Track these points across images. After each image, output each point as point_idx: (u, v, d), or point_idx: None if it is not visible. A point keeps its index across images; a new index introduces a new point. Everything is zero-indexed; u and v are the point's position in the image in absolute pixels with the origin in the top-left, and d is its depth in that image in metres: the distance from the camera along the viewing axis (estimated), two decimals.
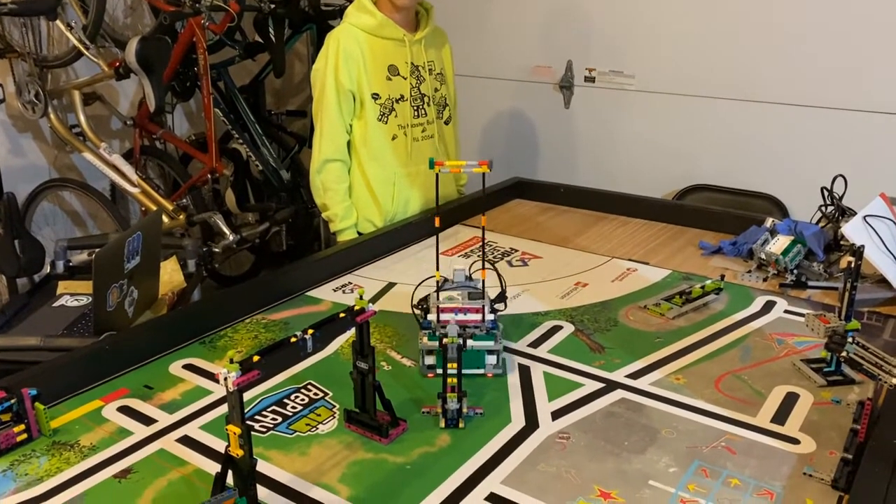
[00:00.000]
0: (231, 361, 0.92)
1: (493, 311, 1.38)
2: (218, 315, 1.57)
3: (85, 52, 2.69)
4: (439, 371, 1.29)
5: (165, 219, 2.80)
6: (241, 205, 3.28)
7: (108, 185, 3.21)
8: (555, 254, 1.97)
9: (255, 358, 0.95)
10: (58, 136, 2.95)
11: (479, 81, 3.27)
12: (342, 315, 1.10)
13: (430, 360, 1.36)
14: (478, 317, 1.33)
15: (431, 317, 1.35)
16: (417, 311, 1.41)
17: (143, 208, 2.94)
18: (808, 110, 2.61)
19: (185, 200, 3.11)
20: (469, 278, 1.41)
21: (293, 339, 1.01)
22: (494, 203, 2.36)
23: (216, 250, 2.68)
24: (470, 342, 1.31)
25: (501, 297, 1.43)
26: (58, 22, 2.64)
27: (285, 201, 3.35)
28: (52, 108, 2.87)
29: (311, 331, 1.03)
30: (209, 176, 3.06)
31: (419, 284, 1.46)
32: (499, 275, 1.44)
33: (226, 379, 0.91)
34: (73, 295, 1.86)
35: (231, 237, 2.76)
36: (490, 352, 1.34)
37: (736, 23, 2.69)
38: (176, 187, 3.23)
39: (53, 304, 1.82)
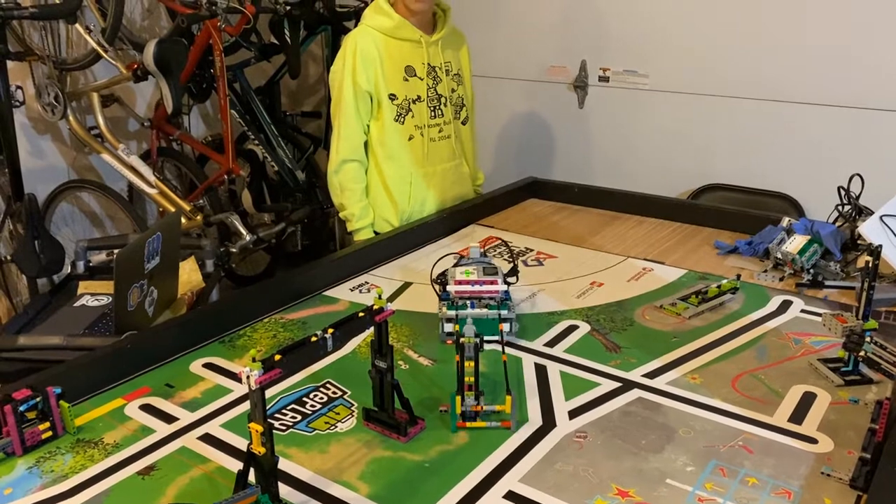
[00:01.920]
0: (253, 360, 0.93)
1: (506, 283, 1.50)
2: (237, 315, 1.58)
3: (103, 54, 2.71)
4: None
5: (183, 219, 2.82)
6: (258, 205, 3.31)
7: (125, 186, 3.25)
8: (570, 253, 1.97)
9: (277, 357, 0.96)
10: (77, 137, 2.98)
11: (494, 81, 3.28)
12: (361, 314, 1.11)
13: (448, 327, 1.46)
14: (493, 288, 1.46)
15: (450, 288, 1.47)
16: (437, 286, 1.53)
17: (161, 209, 2.97)
18: (824, 109, 2.60)
19: (201, 201, 3.13)
20: (484, 255, 1.60)
21: (314, 339, 1.03)
22: (509, 203, 2.37)
23: (233, 250, 2.70)
24: (485, 311, 1.44)
25: (513, 271, 1.57)
26: (77, 25, 2.67)
27: (301, 202, 3.37)
28: (71, 110, 2.90)
29: (331, 330, 1.05)
30: (225, 177, 3.09)
31: (437, 262, 1.56)
32: (510, 250, 1.61)
33: (248, 377, 0.93)
34: (94, 295, 1.88)
35: (248, 237, 2.78)
36: (504, 319, 1.45)
37: (750, 21, 2.68)
38: (193, 188, 3.26)
39: (74, 304, 1.84)
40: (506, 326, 1.44)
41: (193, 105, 3.34)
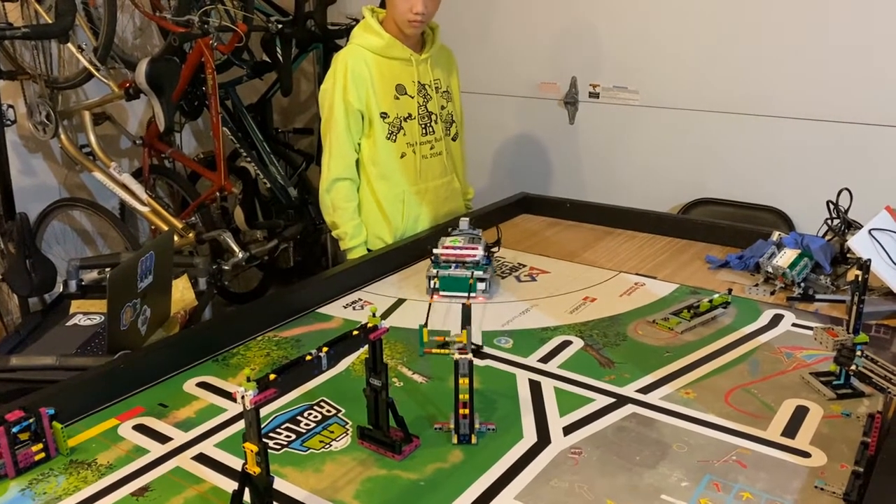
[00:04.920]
0: (248, 380, 0.93)
1: (488, 250, 1.82)
2: (230, 333, 1.58)
3: (95, 73, 2.72)
4: (443, 293, 1.76)
5: (175, 237, 2.82)
6: (250, 222, 3.31)
7: (117, 204, 3.24)
8: (563, 269, 1.98)
9: (272, 376, 0.96)
10: (68, 156, 2.98)
11: (484, 98, 3.30)
12: (355, 333, 1.11)
13: (435, 283, 1.77)
14: (472, 253, 1.77)
15: (437, 251, 1.79)
16: (433, 252, 1.82)
17: (153, 227, 2.96)
18: (812, 124, 2.63)
19: (193, 218, 3.13)
20: (472, 228, 1.90)
21: (308, 358, 1.03)
22: (501, 218, 2.37)
23: (226, 268, 2.70)
24: (463, 271, 1.76)
25: (497, 243, 1.91)
26: (69, 44, 2.68)
27: (293, 218, 3.37)
28: (63, 129, 2.90)
29: (325, 349, 1.05)
30: (217, 194, 3.09)
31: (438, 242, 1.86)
32: (497, 228, 1.99)
33: (243, 397, 0.93)
34: (86, 314, 1.88)
35: (240, 255, 2.78)
36: (480, 280, 1.76)
37: (739, 37, 2.71)
38: (185, 206, 3.26)
39: (67, 324, 1.83)
40: (482, 286, 1.76)
41: (185, 123, 3.34)
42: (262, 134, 3.38)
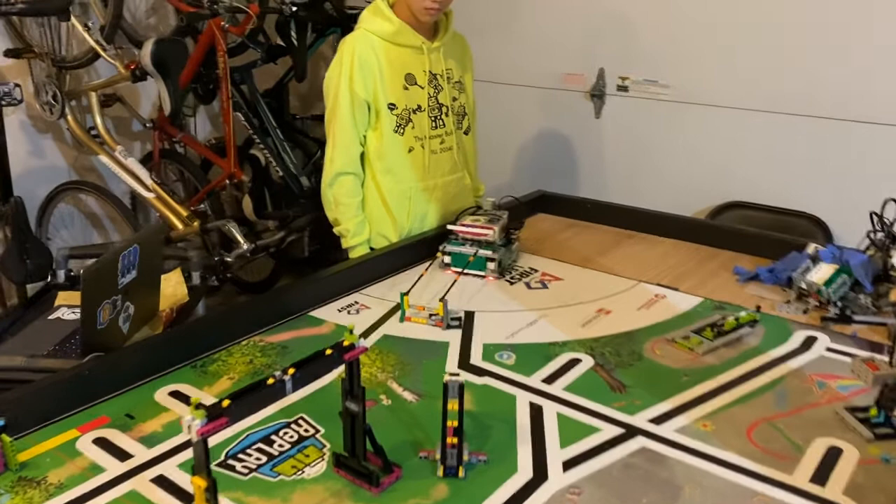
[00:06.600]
0: (196, 407, 0.82)
1: (509, 232, 1.87)
2: (212, 336, 1.47)
3: (102, 52, 2.64)
4: (454, 269, 1.79)
5: (180, 225, 2.73)
6: (259, 212, 3.21)
7: (127, 189, 3.16)
8: (577, 276, 1.84)
9: (225, 402, 0.85)
10: (74, 137, 2.91)
11: (503, 88, 3.16)
12: (329, 352, 0.99)
13: (447, 259, 1.82)
14: (484, 231, 1.78)
15: (451, 227, 1.82)
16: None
17: (159, 213, 2.88)
18: (856, 126, 2.46)
19: (203, 206, 3.04)
20: (497, 208, 1.92)
21: (270, 381, 0.91)
22: (516, 217, 2.24)
23: (228, 259, 2.60)
24: (469, 248, 1.79)
25: (518, 225, 1.95)
26: (75, 22, 2.59)
27: (304, 208, 3.27)
28: (70, 110, 2.83)
29: (291, 370, 0.93)
30: (228, 181, 3.00)
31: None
32: (521, 222, 2.01)
33: (189, 427, 0.82)
34: (71, 307, 1.78)
35: (245, 246, 2.69)
36: (490, 259, 1.78)
37: (779, 31, 2.55)
38: (197, 192, 3.17)
39: (49, 317, 1.74)
40: (492, 266, 1.78)
41: (197, 107, 3.25)
42: (277, 120, 3.27)
